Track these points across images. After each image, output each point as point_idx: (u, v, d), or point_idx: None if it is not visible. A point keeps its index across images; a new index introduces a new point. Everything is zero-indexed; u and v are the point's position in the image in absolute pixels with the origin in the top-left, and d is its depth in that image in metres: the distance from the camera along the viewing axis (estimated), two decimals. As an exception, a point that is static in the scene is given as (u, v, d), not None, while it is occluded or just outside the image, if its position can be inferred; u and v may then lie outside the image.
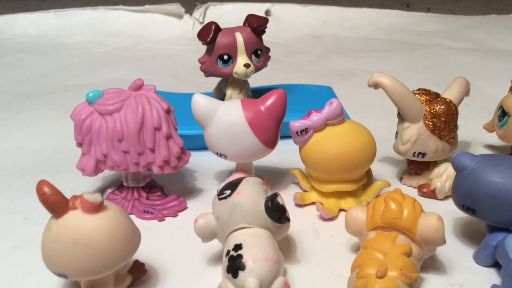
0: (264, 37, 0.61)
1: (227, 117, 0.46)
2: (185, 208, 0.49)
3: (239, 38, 0.57)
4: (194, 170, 0.56)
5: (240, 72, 0.57)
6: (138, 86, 0.46)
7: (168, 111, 0.46)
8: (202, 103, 0.47)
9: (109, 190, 0.50)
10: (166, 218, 0.48)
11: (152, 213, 0.48)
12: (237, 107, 0.46)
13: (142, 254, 0.39)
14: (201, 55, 0.59)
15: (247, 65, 0.57)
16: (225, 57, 0.57)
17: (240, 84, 0.60)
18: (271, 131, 0.47)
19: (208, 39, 0.57)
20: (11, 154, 0.60)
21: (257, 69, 0.59)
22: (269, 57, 0.62)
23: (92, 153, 0.45)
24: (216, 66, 0.58)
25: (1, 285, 0.40)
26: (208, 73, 0.59)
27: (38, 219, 0.46)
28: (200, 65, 0.59)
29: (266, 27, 0.59)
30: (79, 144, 0.45)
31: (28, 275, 0.41)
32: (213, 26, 0.57)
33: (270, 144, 0.47)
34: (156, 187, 0.50)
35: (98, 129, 0.44)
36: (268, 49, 0.61)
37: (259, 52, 0.59)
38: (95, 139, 0.44)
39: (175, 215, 0.48)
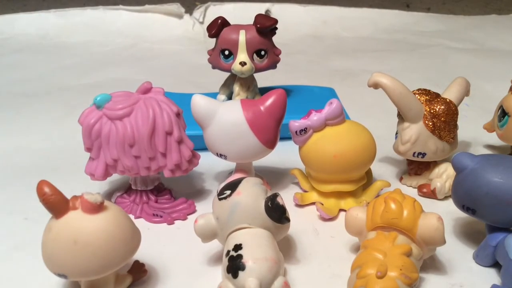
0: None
1: (227, 118, 0.46)
2: (195, 211, 0.49)
3: (242, 36, 0.58)
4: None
5: (236, 69, 0.59)
6: (146, 89, 0.46)
7: (178, 114, 0.45)
8: (201, 103, 0.47)
9: (117, 194, 0.49)
10: (166, 219, 0.48)
11: (161, 217, 0.47)
12: (237, 108, 0.46)
13: (142, 254, 0.39)
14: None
15: (242, 63, 0.58)
16: (226, 52, 0.59)
17: (248, 81, 0.61)
18: (271, 131, 0.47)
19: (212, 32, 0.59)
20: (11, 154, 0.60)
21: (259, 70, 0.60)
22: (278, 59, 0.62)
23: (101, 158, 0.44)
24: (219, 59, 0.60)
25: (1, 285, 0.40)
26: (212, 65, 0.62)
27: (38, 219, 0.46)
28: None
29: (275, 28, 0.60)
30: (88, 149, 0.45)
31: (28, 275, 0.41)
32: (219, 21, 0.59)
33: (270, 144, 0.47)
34: (164, 190, 0.50)
35: (108, 134, 0.43)
36: (277, 51, 0.61)
37: (262, 52, 0.59)
38: (105, 144, 0.44)
39: (184, 218, 0.48)
